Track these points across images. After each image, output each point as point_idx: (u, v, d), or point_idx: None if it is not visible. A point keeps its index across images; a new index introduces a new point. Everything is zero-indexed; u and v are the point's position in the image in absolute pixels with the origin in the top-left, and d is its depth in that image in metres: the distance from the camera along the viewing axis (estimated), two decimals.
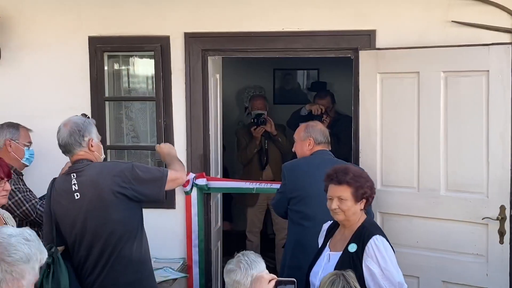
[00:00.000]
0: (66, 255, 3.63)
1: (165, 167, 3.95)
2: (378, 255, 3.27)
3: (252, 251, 3.12)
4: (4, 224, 3.55)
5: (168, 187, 3.71)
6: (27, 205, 4.16)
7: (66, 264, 3.54)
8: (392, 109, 4.48)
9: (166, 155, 4.06)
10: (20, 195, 4.16)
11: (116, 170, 3.58)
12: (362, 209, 3.45)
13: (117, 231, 3.57)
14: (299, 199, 4.24)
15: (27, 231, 2.25)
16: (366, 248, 3.30)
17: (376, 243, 3.30)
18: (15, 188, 4.16)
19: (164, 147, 4.15)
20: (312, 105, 6.24)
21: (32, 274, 2.20)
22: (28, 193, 4.24)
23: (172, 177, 3.72)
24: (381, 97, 4.51)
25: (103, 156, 3.86)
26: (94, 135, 3.72)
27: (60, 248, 3.63)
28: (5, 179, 3.59)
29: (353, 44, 4.65)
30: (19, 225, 4.22)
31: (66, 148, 3.67)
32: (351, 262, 3.31)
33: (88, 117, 3.79)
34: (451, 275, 4.32)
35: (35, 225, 4.18)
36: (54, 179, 3.73)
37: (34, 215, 4.16)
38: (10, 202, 4.10)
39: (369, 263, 3.28)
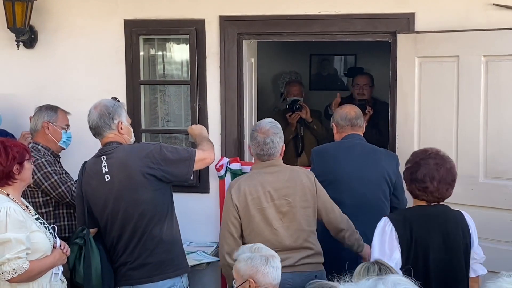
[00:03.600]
0: (97, 236, 3.67)
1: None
2: None
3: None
4: (26, 208, 3.51)
5: (196, 167, 3.72)
6: (63, 187, 4.19)
7: (97, 246, 3.58)
8: (431, 94, 4.39)
9: (197, 136, 4.08)
10: (56, 177, 4.19)
11: (145, 152, 3.59)
12: None
13: (147, 211, 3.59)
14: (327, 183, 4.17)
15: None
16: None
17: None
18: (51, 170, 4.19)
19: (195, 128, 4.18)
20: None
21: None
22: (64, 175, 4.27)
23: (200, 157, 3.72)
24: (419, 82, 4.43)
25: (133, 139, 3.87)
26: (123, 118, 3.74)
27: (93, 231, 3.67)
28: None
29: (391, 28, 4.56)
30: (56, 207, 4.27)
31: (96, 131, 3.70)
32: None
33: (118, 100, 3.81)
34: (489, 264, 4.20)
35: (71, 207, 4.22)
36: (85, 162, 3.76)
37: (69, 197, 4.18)
38: (46, 184, 4.14)
39: None
